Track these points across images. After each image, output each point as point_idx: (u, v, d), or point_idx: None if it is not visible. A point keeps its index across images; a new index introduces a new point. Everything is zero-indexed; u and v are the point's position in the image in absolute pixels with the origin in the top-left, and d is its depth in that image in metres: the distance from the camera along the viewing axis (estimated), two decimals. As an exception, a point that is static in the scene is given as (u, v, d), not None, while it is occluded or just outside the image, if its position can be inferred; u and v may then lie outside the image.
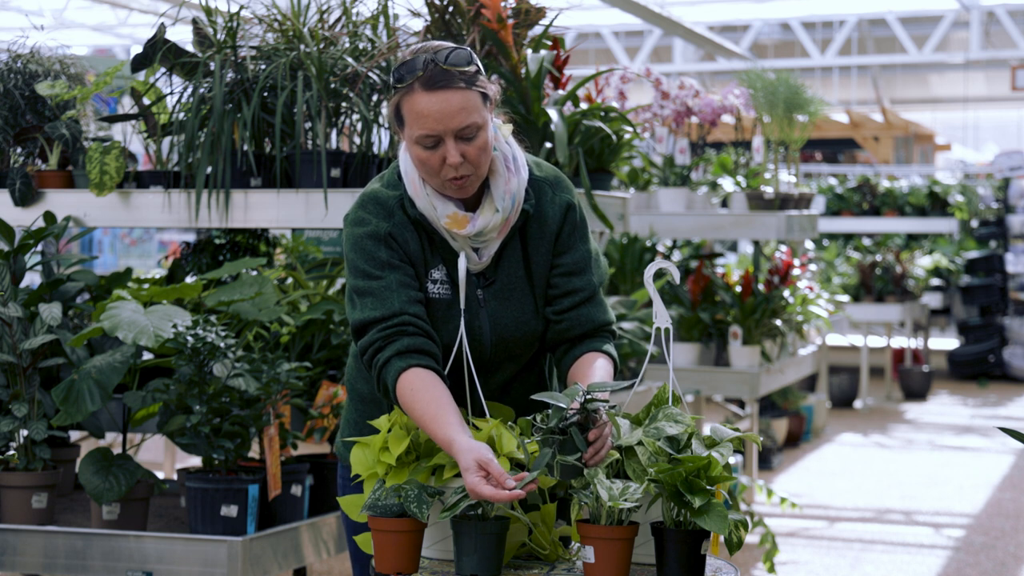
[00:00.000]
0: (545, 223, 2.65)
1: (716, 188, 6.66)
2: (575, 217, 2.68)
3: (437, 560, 2.48)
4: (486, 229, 2.57)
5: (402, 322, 2.52)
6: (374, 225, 2.59)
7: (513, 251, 2.65)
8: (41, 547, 3.76)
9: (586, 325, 2.65)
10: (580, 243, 2.68)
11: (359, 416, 2.76)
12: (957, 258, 13.74)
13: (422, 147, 2.51)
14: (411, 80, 2.50)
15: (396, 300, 2.53)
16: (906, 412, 11.57)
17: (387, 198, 2.62)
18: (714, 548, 2.43)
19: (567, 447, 2.33)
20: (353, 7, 4.27)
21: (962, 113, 20.86)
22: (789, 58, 15.82)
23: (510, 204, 2.59)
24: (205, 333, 3.67)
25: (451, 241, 2.60)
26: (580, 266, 2.67)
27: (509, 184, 2.59)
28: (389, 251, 2.57)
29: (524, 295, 2.65)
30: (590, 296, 2.66)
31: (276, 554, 3.74)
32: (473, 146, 2.51)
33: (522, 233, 2.66)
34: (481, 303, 2.63)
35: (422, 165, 2.53)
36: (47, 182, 4.34)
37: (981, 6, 14.29)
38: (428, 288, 2.60)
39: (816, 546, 6.73)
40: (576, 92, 4.45)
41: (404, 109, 2.53)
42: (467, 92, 2.50)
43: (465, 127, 2.49)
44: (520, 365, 2.70)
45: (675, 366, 6.19)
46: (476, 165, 2.53)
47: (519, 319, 2.64)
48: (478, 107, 2.52)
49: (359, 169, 4.08)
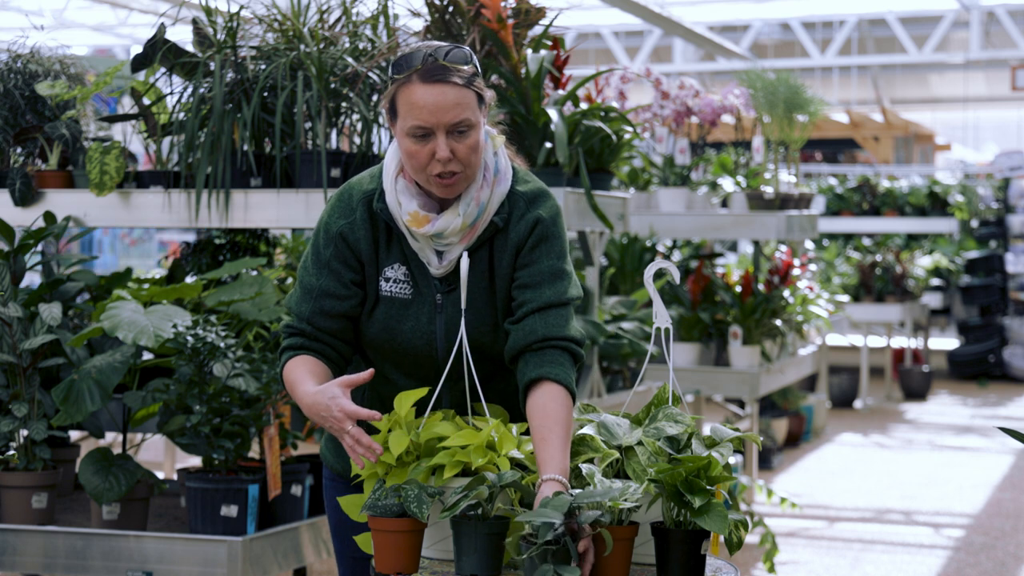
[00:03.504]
0: (510, 237, 2.62)
1: (716, 188, 6.67)
2: (543, 231, 2.61)
3: (437, 560, 2.48)
4: (445, 232, 2.56)
5: (302, 330, 2.63)
6: (332, 220, 2.64)
7: (479, 261, 2.62)
8: (41, 547, 3.76)
9: (529, 336, 2.56)
10: (543, 258, 2.61)
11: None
12: (957, 258, 13.74)
13: (412, 139, 2.51)
14: (409, 72, 2.51)
15: (308, 308, 2.63)
16: (906, 412, 11.57)
17: (359, 193, 2.64)
18: (714, 548, 2.43)
19: (559, 555, 2.23)
20: (353, 7, 4.27)
21: (962, 113, 20.86)
22: (789, 58, 15.83)
23: (475, 212, 2.57)
24: (205, 333, 3.67)
25: (411, 240, 2.59)
26: (536, 279, 2.60)
27: (480, 192, 2.58)
28: (334, 250, 2.62)
29: (484, 306, 2.62)
30: (539, 308, 2.58)
31: (276, 554, 3.74)
32: (464, 144, 2.51)
33: (491, 246, 2.64)
34: (439, 308, 2.62)
35: (410, 158, 2.53)
36: (47, 182, 4.34)
37: (981, 6, 14.29)
38: (380, 286, 2.62)
39: (816, 546, 6.73)
40: (576, 92, 4.45)
41: (399, 100, 2.53)
42: (463, 89, 2.51)
43: (458, 122, 2.49)
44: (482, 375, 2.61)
45: (675, 366, 6.19)
46: (465, 164, 2.52)
47: (476, 328, 2.60)
48: (473, 106, 2.52)
49: (359, 169, 4.08)
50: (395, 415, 2.53)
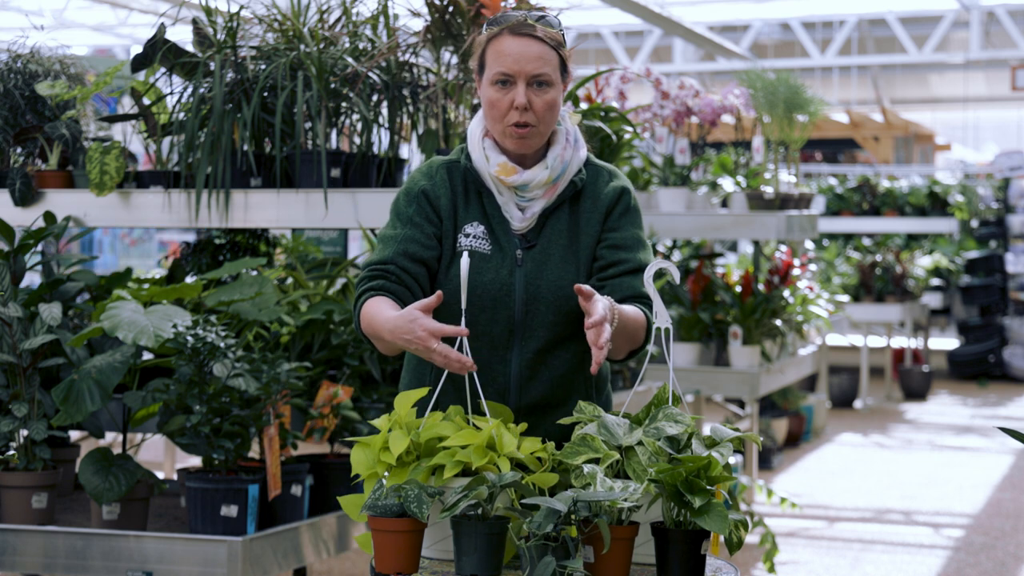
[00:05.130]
0: (598, 199, 2.76)
1: (716, 188, 6.66)
2: (628, 200, 2.79)
3: (437, 560, 2.48)
4: (531, 183, 2.70)
5: (386, 269, 2.66)
6: (413, 184, 2.76)
7: (559, 220, 2.74)
8: (41, 547, 3.76)
9: (627, 291, 2.71)
10: (631, 226, 2.78)
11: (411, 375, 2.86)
12: (957, 258, 13.74)
13: (495, 87, 2.66)
14: (502, 27, 2.67)
15: (392, 250, 2.68)
16: (906, 412, 11.57)
17: (439, 161, 2.79)
18: (714, 548, 2.43)
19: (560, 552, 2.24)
20: (353, 7, 4.27)
21: (962, 113, 20.86)
22: (789, 58, 15.82)
23: (560, 168, 2.72)
24: (205, 333, 3.67)
25: (497, 195, 2.72)
26: (628, 243, 2.75)
27: (564, 152, 2.73)
28: (416, 207, 2.72)
29: (564, 263, 2.73)
30: (634, 269, 2.73)
31: (276, 554, 3.74)
32: (542, 99, 2.65)
33: (573, 206, 2.76)
34: (518, 263, 2.71)
35: (491, 108, 2.67)
36: (47, 182, 4.34)
37: (981, 6, 14.29)
38: (460, 241, 2.71)
39: (816, 546, 6.73)
40: (576, 92, 4.45)
41: (488, 52, 2.69)
42: (549, 48, 2.67)
43: (539, 74, 2.64)
44: (554, 335, 2.71)
45: (675, 366, 6.19)
46: (540, 119, 2.66)
47: (554, 283, 2.70)
48: (555, 66, 2.68)
49: (359, 169, 4.08)
50: (395, 415, 2.53)
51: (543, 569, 2.22)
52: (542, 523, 2.22)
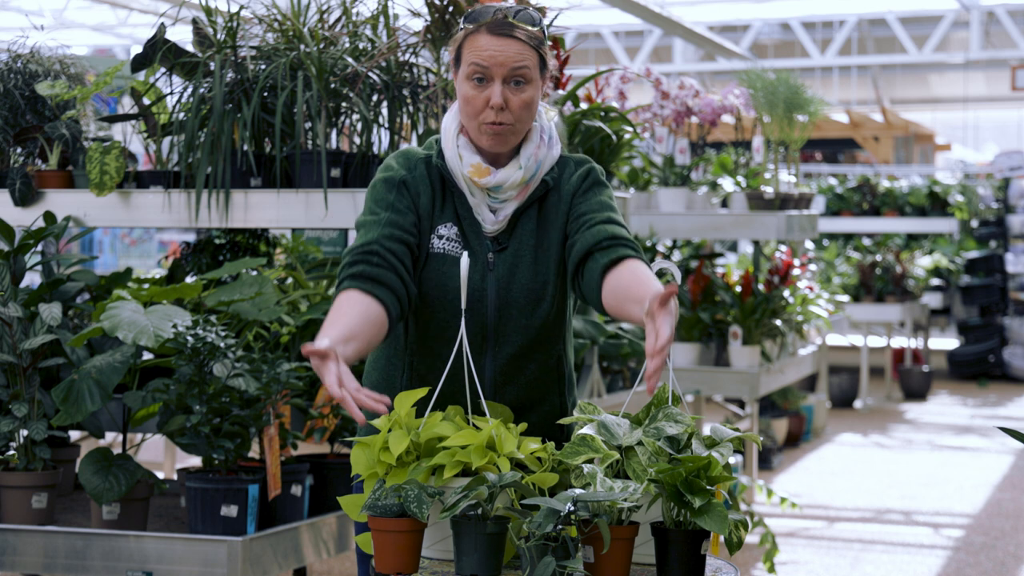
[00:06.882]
0: (562, 193, 2.70)
1: (716, 188, 6.66)
2: (595, 177, 2.71)
3: (437, 560, 2.48)
4: (505, 184, 2.64)
5: (370, 251, 2.58)
6: (393, 172, 2.69)
7: (528, 220, 2.69)
8: (41, 547, 3.76)
9: (598, 236, 2.62)
10: (596, 197, 2.69)
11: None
12: (957, 258, 13.74)
13: (471, 83, 2.60)
14: (479, 24, 2.61)
15: (376, 233, 2.60)
16: (906, 412, 11.57)
17: (416, 154, 2.72)
18: (714, 548, 2.43)
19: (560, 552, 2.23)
20: (353, 7, 4.27)
21: (962, 113, 20.86)
22: (789, 58, 15.83)
23: (534, 167, 2.66)
24: (205, 333, 3.67)
25: (469, 196, 2.66)
26: (594, 208, 2.67)
27: (538, 151, 2.67)
28: (397, 194, 2.65)
29: (536, 264, 2.68)
30: (603, 221, 2.65)
31: (276, 554, 3.74)
32: (518, 97, 2.60)
33: (542, 203, 2.71)
34: (490, 266, 2.66)
35: (467, 104, 2.61)
36: (47, 182, 4.34)
37: (981, 6, 14.29)
38: (432, 243, 2.66)
39: (816, 546, 6.73)
40: (576, 92, 4.45)
41: (465, 47, 2.62)
42: (527, 47, 2.60)
43: (516, 70, 2.58)
44: (527, 339, 2.67)
45: (675, 366, 6.19)
46: (516, 118, 2.61)
47: (526, 287, 2.66)
48: (533, 64, 2.61)
49: (359, 169, 4.08)
50: (395, 415, 2.53)
51: (543, 569, 2.21)
52: (542, 523, 2.22)
